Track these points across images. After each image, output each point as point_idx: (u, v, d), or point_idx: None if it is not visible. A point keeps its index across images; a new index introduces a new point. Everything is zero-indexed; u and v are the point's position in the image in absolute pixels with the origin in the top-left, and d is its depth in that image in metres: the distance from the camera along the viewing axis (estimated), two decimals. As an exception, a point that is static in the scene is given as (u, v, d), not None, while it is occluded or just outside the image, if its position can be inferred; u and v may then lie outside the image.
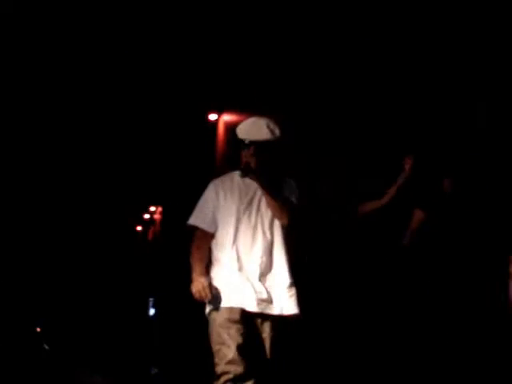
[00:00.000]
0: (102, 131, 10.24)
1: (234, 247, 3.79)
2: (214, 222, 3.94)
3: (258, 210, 3.86)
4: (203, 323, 3.81)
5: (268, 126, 3.86)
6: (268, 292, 3.69)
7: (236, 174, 3.99)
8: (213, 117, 9.53)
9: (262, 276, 3.72)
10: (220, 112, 9.45)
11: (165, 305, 13.12)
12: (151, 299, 14.76)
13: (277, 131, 3.90)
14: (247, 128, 3.89)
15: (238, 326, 3.74)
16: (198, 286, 3.83)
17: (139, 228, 21.00)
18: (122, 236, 17.35)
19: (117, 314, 13.10)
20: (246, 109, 8.13)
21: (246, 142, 3.88)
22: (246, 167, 3.82)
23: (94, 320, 12.43)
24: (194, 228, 3.95)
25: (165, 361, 9.10)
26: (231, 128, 9.70)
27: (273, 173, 3.95)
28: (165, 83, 8.47)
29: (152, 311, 14.64)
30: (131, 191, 13.99)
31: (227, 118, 9.44)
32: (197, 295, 3.78)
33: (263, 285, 3.71)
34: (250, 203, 3.84)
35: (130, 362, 9.14)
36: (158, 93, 8.74)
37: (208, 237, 3.97)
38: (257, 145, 3.84)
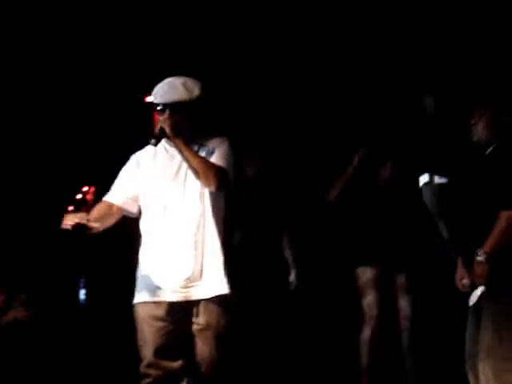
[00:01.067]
0: (32, 108, 10.02)
1: (161, 226, 3.40)
2: (127, 196, 3.56)
3: (185, 180, 3.46)
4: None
5: (184, 85, 3.47)
6: (199, 272, 3.32)
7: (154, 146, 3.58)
8: (149, 98, 9.42)
9: (192, 256, 3.33)
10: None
11: (96, 286, 12.96)
12: (82, 280, 14.56)
13: (196, 90, 3.50)
14: (161, 90, 3.51)
15: (162, 323, 3.34)
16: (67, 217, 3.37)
17: (71, 208, 20.66)
18: (52, 216, 17.04)
19: (45, 294, 12.87)
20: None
21: (160, 105, 3.51)
22: (158, 133, 3.44)
23: (21, 302, 12.20)
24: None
25: (96, 347, 8.99)
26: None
27: (196, 134, 3.55)
28: (100, 64, 8.34)
29: (83, 292, 14.45)
30: (63, 170, 13.73)
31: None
32: (66, 220, 3.36)
33: (193, 265, 3.32)
34: (176, 174, 3.45)
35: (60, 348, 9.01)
36: (93, 73, 8.61)
37: (113, 209, 3.55)
38: (172, 106, 3.46)
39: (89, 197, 5.03)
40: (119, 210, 3.71)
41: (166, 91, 3.52)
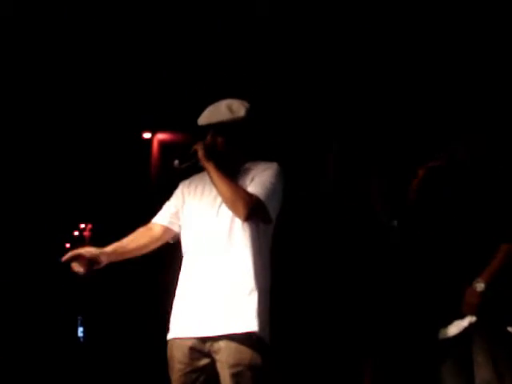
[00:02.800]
0: (32, 145, 10.07)
1: (189, 256, 3.21)
2: (172, 218, 3.35)
3: (219, 209, 3.23)
4: (134, 343, 3.44)
5: (229, 106, 3.28)
6: (220, 308, 3.04)
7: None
8: (147, 135, 9.51)
9: (215, 287, 3.07)
10: (154, 130, 9.43)
11: (94, 323, 12.94)
12: (80, 318, 14.55)
13: (241, 111, 3.26)
14: (206, 113, 3.30)
15: (179, 365, 3.18)
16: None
17: (68, 245, 20.69)
18: (50, 253, 17.04)
19: (44, 333, 12.83)
20: (181, 127, 8.14)
21: (204, 127, 3.27)
22: (186, 153, 3.15)
23: (20, 339, 12.17)
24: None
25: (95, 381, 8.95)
26: (165, 146, 9.71)
27: (240, 159, 3.27)
28: (98, 101, 8.39)
29: (81, 330, 14.43)
30: (60, 208, 13.76)
31: (161, 136, 9.43)
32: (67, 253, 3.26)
33: (215, 300, 3.06)
34: (212, 203, 3.19)
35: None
36: (91, 111, 8.66)
37: (159, 231, 3.38)
38: (215, 128, 3.25)
39: (86, 234, 4.95)
40: (163, 230, 3.41)
41: (209, 113, 3.30)
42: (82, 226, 18.49)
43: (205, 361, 3.14)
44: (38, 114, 8.68)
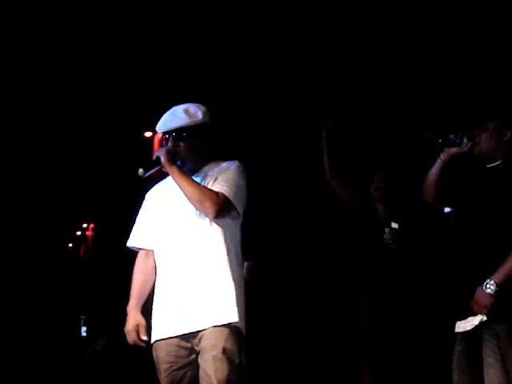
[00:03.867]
0: (33, 144, 10.07)
1: (164, 259, 3.22)
2: (153, 237, 3.38)
3: (187, 210, 3.25)
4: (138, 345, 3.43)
5: (186, 110, 3.32)
6: (199, 303, 3.08)
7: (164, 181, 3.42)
8: (148, 134, 9.48)
9: (192, 284, 3.07)
10: (155, 129, 9.41)
11: (97, 323, 12.92)
12: (83, 317, 14.53)
13: (199, 114, 3.33)
14: (163, 119, 3.34)
15: (165, 365, 3.18)
16: (127, 324, 3.32)
17: (71, 245, 20.70)
18: (52, 253, 17.05)
19: (47, 332, 12.82)
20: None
21: (164, 133, 3.32)
22: (154, 161, 3.19)
23: (23, 339, 12.16)
24: (136, 251, 3.44)
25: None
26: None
27: (202, 161, 3.32)
28: (99, 100, 8.39)
29: (84, 329, 14.40)
30: (62, 207, 13.77)
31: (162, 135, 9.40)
32: (128, 337, 3.29)
33: (193, 296, 3.07)
34: (179, 205, 3.22)
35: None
36: (92, 110, 8.65)
37: (151, 256, 3.42)
38: (175, 134, 3.31)
39: (88, 233, 4.93)
40: (153, 254, 3.45)
41: (167, 119, 3.33)
42: (85, 225, 18.51)
43: (190, 357, 3.19)
44: (37, 113, 8.68)
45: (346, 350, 5.76)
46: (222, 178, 3.22)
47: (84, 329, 14.58)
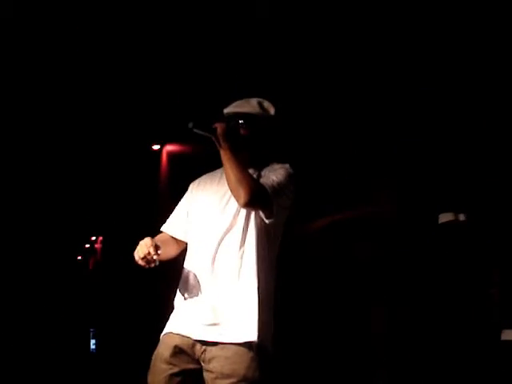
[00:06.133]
0: (42, 158, 10.11)
1: (193, 254, 3.09)
2: (185, 227, 3.26)
3: (227, 205, 3.09)
4: (147, 355, 3.28)
5: (260, 102, 3.26)
6: (224, 311, 2.90)
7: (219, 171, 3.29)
8: (155, 147, 9.52)
9: (215, 289, 2.96)
10: (163, 142, 9.44)
11: (106, 336, 12.94)
12: (92, 330, 14.56)
13: (271, 110, 3.26)
14: (234, 104, 3.27)
15: (164, 365, 2.99)
16: (139, 247, 2.99)
17: (79, 257, 20.72)
18: (62, 265, 17.10)
19: (57, 344, 12.85)
20: (190, 139, 8.14)
21: (228, 114, 3.22)
22: (205, 121, 3.01)
23: (32, 352, 12.19)
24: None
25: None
26: (174, 158, 9.72)
27: (257, 157, 3.21)
28: (107, 113, 8.42)
29: (93, 342, 14.43)
30: (71, 221, 13.81)
31: (170, 148, 9.43)
32: (136, 257, 2.97)
33: (220, 301, 2.93)
34: (222, 197, 3.11)
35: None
36: (100, 123, 8.69)
37: (174, 243, 3.26)
38: (242, 118, 3.18)
39: (97, 246, 4.92)
40: (179, 244, 3.31)
41: (239, 104, 3.25)
42: (93, 238, 18.55)
43: (192, 365, 2.97)
44: (44, 125, 8.71)
45: (361, 352, 5.74)
46: (269, 175, 3.08)
47: (93, 341, 14.61)
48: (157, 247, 2.92)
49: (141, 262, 2.93)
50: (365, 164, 6.42)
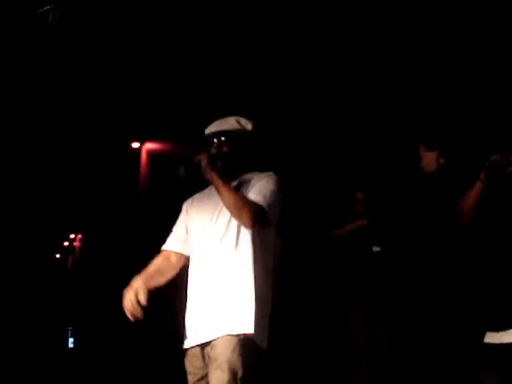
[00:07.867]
0: (20, 155, 10.06)
1: (194, 267, 3.27)
2: (183, 242, 3.42)
3: (220, 219, 3.30)
4: (124, 354, 3.40)
5: (237, 119, 3.44)
6: (217, 312, 3.15)
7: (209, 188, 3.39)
8: (135, 145, 9.53)
9: (215, 293, 3.20)
10: (142, 140, 9.45)
11: (84, 334, 12.90)
12: (70, 328, 14.50)
13: (249, 125, 3.43)
14: (214, 124, 3.45)
15: (189, 377, 3.24)
16: (124, 299, 3.23)
17: (58, 255, 20.64)
18: (40, 263, 17.03)
19: (34, 342, 12.80)
20: (170, 137, 8.15)
21: (209, 136, 3.41)
22: (196, 164, 3.20)
23: (9, 350, 12.14)
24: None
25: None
26: (153, 156, 9.73)
27: (241, 171, 3.40)
28: (86, 111, 8.41)
29: (71, 341, 14.37)
30: (50, 218, 13.75)
31: (150, 146, 9.45)
32: (124, 302, 3.21)
33: (213, 306, 3.18)
34: (213, 213, 3.31)
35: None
36: (79, 121, 8.67)
37: (173, 258, 3.47)
38: (223, 136, 3.41)
39: (76, 244, 4.93)
40: (178, 258, 3.46)
41: (218, 123, 3.44)
42: (72, 236, 18.49)
43: (207, 368, 3.16)
44: (21, 124, 8.68)
45: (343, 357, 5.81)
46: (258, 188, 3.26)
47: (71, 340, 14.55)
48: (143, 294, 3.15)
49: (128, 315, 3.17)
50: (364, 164, 6.55)
